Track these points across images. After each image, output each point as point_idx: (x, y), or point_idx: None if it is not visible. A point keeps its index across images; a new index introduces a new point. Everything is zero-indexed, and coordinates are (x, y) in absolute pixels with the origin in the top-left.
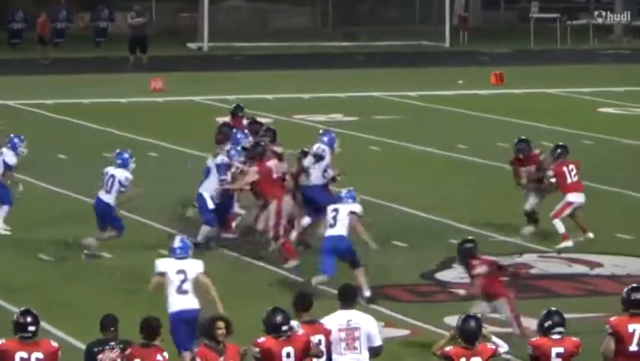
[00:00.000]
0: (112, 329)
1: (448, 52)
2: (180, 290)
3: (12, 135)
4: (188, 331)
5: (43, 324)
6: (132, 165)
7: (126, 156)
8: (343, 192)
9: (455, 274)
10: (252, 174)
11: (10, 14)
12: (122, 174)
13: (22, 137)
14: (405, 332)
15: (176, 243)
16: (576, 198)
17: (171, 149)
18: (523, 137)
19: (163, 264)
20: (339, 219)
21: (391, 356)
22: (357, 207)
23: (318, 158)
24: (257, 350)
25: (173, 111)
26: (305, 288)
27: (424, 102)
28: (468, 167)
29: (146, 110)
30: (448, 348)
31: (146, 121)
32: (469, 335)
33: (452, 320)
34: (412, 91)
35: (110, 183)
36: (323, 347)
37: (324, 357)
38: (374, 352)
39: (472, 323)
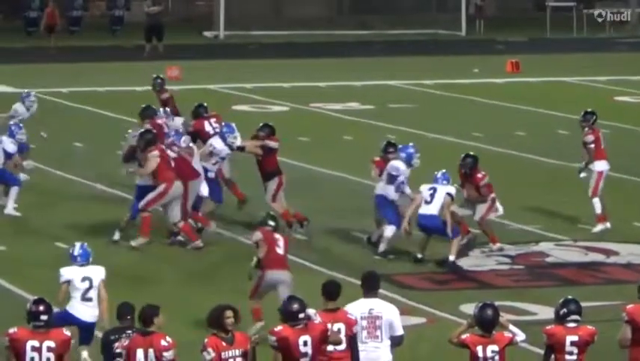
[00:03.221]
0: (128, 317)
1: (464, 40)
2: (84, 298)
3: (10, 123)
4: (84, 334)
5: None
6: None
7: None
8: (438, 174)
9: (471, 262)
10: (153, 158)
11: (26, 2)
12: None
13: (21, 125)
14: (421, 320)
15: (77, 250)
16: (604, 166)
17: None
18: (471, 153)
19: (68, 272)
20: (437, 198)
21: (408, 344)
22: (453, 190)
23: (391, 178)
24: (274, 338)
25: (189, 99)
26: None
27: (440, 90)
28: (483, 155)
29: None
30: (464, 336)
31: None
32: (486, 323)
33: (468, 308)
34: (428, 79)
35: None
36: (343, 336)
37: (344, 345)
38: (395, 341)
39: (489, 312)
